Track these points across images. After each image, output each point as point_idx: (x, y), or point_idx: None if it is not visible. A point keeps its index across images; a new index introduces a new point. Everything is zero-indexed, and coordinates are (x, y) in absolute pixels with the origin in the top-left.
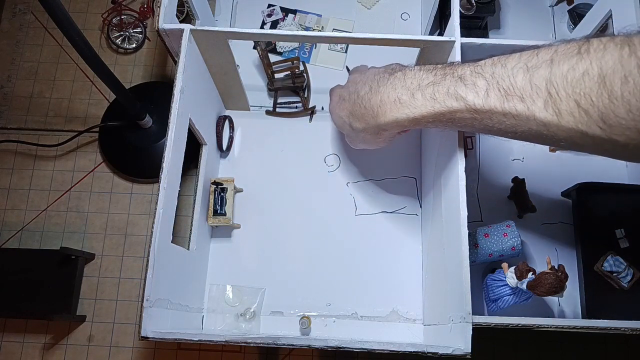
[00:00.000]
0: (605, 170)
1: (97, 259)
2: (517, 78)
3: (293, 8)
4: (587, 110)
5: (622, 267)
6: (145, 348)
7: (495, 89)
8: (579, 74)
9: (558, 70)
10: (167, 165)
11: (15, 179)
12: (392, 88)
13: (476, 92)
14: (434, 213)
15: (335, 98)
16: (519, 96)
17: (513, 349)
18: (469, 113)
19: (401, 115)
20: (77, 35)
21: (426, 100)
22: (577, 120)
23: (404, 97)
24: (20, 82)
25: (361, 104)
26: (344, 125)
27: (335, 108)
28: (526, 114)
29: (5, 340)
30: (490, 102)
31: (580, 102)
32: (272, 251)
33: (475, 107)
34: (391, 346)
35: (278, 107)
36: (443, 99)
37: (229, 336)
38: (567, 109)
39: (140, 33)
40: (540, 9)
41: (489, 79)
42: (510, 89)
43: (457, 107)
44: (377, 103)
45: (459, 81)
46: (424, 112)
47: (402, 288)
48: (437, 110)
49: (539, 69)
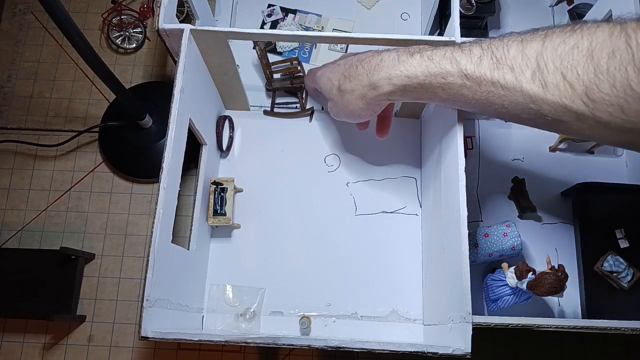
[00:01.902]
0: (605, 170)
1: (97, 259)
2: (510, 48)
3: (293, 8)
4: (572, 83)
5: (622, 267)
6: (145, 348)
7: (489, 57)
8: (569, 47)
9: (550, 43)
10: (167, 165)
11: (15, 179)
12: (395, 51)
13: (470, 57)
14: (434, 213)
15: (329, 64)
16: (509, 66)
17: (513, 349)
18: (460, 78)
19: (395, 71)
20: (77, 35)
21: (423, 60)
22: (562, 93)
23: (402, 57)
24: (20, 82)
25: (359, 65)
26: (332, 88)
27: (326, 71)
28: (514, 84)
29: (5, 340)
30: (481, 69)
31: (566, 74)
32: (272, 251)
33: (467, 71)
34: (391, 346)
35: (276, 107)
36: (439, 61)
37: (229, 336)
38: (553, 82)
39: (140, 33)
40: (540, 9)
41: (485, 48)
42: (502, 58)
43: (449, 69)
44: (376, 62)
45: (457, 48)
46: (418, 71)
47: (402, 288)
48: (431, 71)
49: (532, 42)
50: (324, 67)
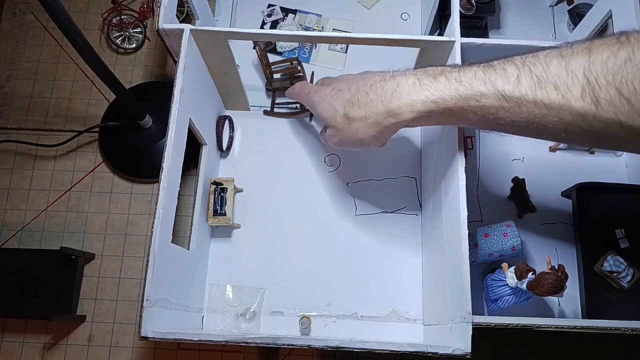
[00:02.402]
0: (605, 170)
1: (97, 259)
2: (551, 65)
3: (293, 8)
4: (629, 98)
5: (622, 267)
6: (145, 348)
7: (527, 75)
8: (621, 61)
9: (597, 57)
10: (167, 165)
11: (15, 179)
12: (412, 74)
13: (506, 77)
14: (434, 213)
15: (327, 89)
16: (553, 83)
17: (513, 349)
18: (497, 100)
19: (419, 97)
20: (77, 35)
21: (450, 82)
22: (618, 109)
23: (425, 80)
24: (20, 82)
25: (370, 91)
26: (335, 116)
27: (326, 97)
28: (560, 103)
29: (5, 340)
30: (521, 89)
31: (622, 90)
32: (272, 251)
33: (505, 93)
34: (391, 346)
35: (276, 107)
36: (469, 82)
37: (229, 336)
38: (606, 97)
39: (140, 33)
40: (540, 9)
41: (520, 65)
42: (544, 76)
43: (484, 91)
44: (392, 87)
45: (487, 67)
46: (446, 95)
47: (402, 288)
48: (462, 94)
49: (575, 57)
50: (320, 92)
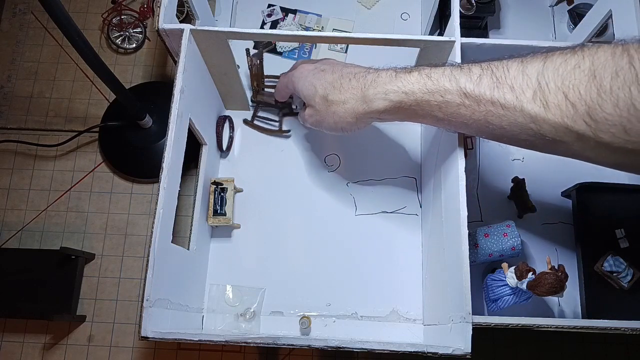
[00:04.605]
0: (605, 170)
1: (97, 259)
2: (510, 68)
3: (293, 8)
4: (574, 103)
5: (622, 267)
6: (145, 348)
7: (488, 76)
8: (571, 67)
9: (551, 63)
10: (167, 165)
11: (15, 179)
12: (392, 69)
13: (469, 76)
14: (434, 213)
15: (309, 66)
16: (510, 85)
17: (513, 349)
18: (459, 97)
19: (391, 86)
20: (77, 35)
21: (421, 77)
22: (564, 113)
23: (400, 74)
24: (20, 82)
25: (352, 78)
26: (314, 95)
27: (307, 76)
28: (514, 104)
29: (5, 340)
30: (481, 87)
31: (568, 94)
32: (272, 251)
33: (466, 90)
34: (391, 346)
35: (256, 119)
36: (437, 78)
37: (229, 336)
38: (554, 101)
39: (140, 33)
40: (540, 9)
41: (485, 67)
42: (502, 77)
43: (448, 87)
44: (372, 77)
45: (456, 67)
46: (415, 88)
47: (402, 288)
48: (429, 88)
49: (532, 62)
50: (302, 67)
